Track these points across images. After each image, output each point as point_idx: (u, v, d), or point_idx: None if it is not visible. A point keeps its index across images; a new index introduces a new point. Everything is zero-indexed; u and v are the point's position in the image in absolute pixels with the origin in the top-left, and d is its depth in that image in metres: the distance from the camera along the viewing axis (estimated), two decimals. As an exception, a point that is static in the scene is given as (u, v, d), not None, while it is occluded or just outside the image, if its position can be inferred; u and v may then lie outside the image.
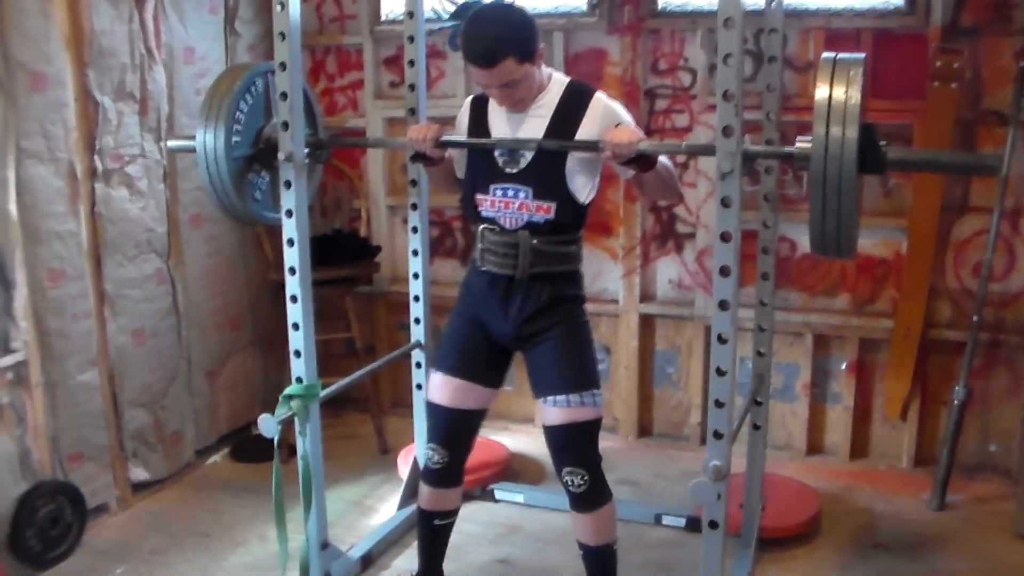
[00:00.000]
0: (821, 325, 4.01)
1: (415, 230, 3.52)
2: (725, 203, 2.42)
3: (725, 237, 2.44)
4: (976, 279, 3.72)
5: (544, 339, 2.77)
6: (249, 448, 4.19)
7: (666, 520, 3.57)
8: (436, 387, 2.93)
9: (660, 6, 4.05)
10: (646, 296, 4.26)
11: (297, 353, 2.99)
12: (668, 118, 4.09)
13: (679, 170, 4.09)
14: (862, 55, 2.36)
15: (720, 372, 2.54)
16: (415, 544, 3.21)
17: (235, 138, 2.92)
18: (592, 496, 2.77)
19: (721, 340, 2.53)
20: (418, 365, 3.64)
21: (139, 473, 3.75)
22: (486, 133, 2.79)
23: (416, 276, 3.56)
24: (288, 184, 2.87)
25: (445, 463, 2.93)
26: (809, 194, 2.37)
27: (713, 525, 2.62)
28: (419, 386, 3.65)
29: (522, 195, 2.71)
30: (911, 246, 3.81)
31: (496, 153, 2.74)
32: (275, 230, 3.01)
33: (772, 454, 3.85)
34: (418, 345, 3.62)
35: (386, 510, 3.72)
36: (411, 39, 3.41)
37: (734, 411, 2.64)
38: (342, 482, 3.92)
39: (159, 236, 3.77)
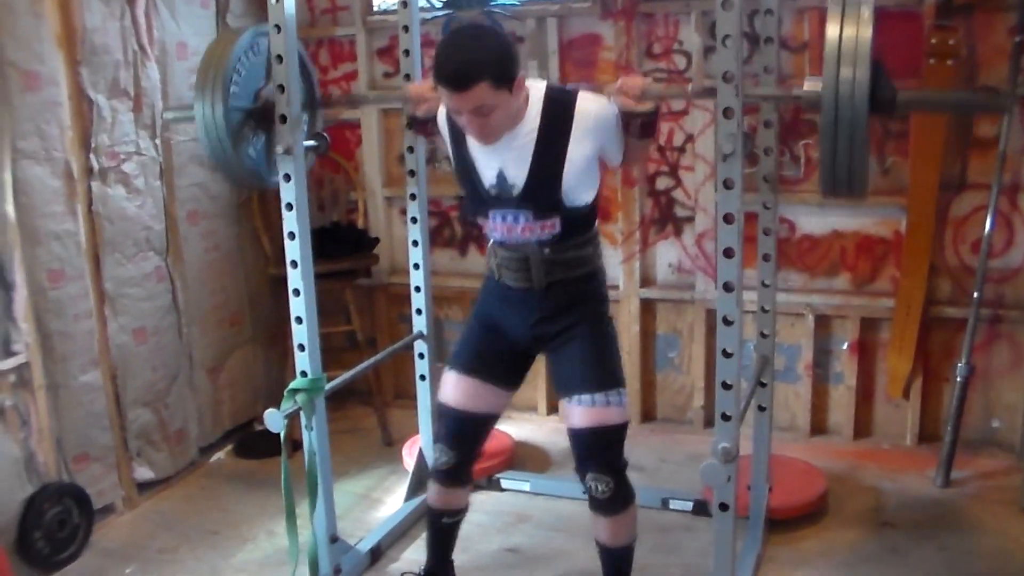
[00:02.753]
0: (822, 305, 4.01)
1: (414, 220, 3.52)
2: (727, 185, 2.42)
3: (728, 219, 2.43)
4: (976, 255, 3.72)
5: (567, 339, 2.70)
6: (253, 444, 4.19)
7: (673, 504, 3.57)
8: (449, 387, 2.85)
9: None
10: (646, 281, 4.26)
11: (301, 347, 2.98)
12: (664, 102, 4.06)
13: (676, 155, 4.09)
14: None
15: (726, 354, 2.54)
16: (424, 535, 3.19)
17: (233, 88, 2.84)
18: (615, 501, 2.68)
19: (726, 322, 2.53)
20: (420, 356, 3.64)
21: (144, 472, 3.75)
22: (467, 155, 2.63)
23: (416, 267, 3.56)
24: (288, 177, 2.84)
25: (453, 464, 2.86)
26: (819, 140, 2.37)
27: (724, 507, 2.62)
28: (423, 377, 3.65)
29: (522, 219, 2.59)
30: (910, 224, 3.80)
31: (484, 180, 2.61)
32: (273, 225, 3.00)
33: (776, 435, 3.83)
34: (420, 336, 3.62)
35: (393, 502, 3.73)
36: (405, 28, 3.39)
37: (740, 393, 2.64)
38: (348, 475, 3.92)
39: (157, 233, 3.75)
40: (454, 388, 2.83)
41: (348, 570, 3.17)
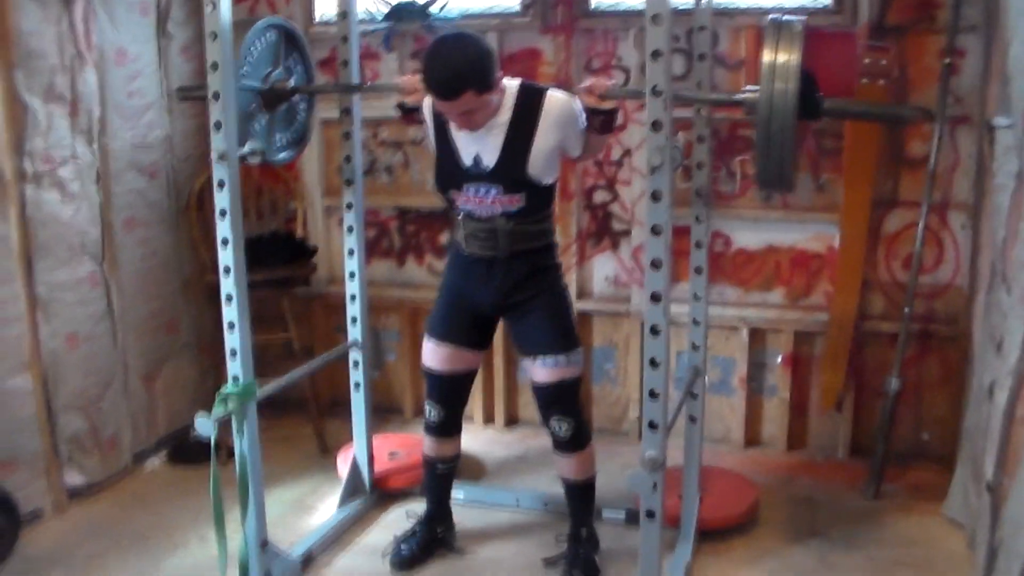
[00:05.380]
0: (756, 319, 4.06)
1: (350, 230, 3.53)
2: (655, 197, 2.50)
3: (656, 230, 2.51)
4: (907, 271, 3.79)
5: (530, 306, 3.08)
6: (187, 451, 4.14)
7: (606, 514, 3.57)
8: (428, 353, 3.25)
9: (592, 6, 4.08)
10: (583, 293, 4.29)
11: (233, 353, 2.98)
12: (623, 105, 4.11)
13: (614, 169, 4.13)
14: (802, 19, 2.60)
15: (654, 364, 2.61)
16: (356, 541, 3.48)
17: (245, 68, 3.04)
18: (577, 439, 3.15)
19: (654, 332, 2.59)
20: (355, 364, 3.65)
21: (75, 478, 3.70)
22: (449, 140, 2.99)
23: (352, 275, 3.58)
24: (221, 184, 2.85)
25: (443, 418, 3.29)
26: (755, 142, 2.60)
27: (650, 515, 2.66)
28: (357, 385, 3.66)
29: (493, 192, 2.96)
30: (844, 240, 3.87)
31: (463, 161, 2.97)
32: (211, 233, 3.01)
33: (711, 447, 3.90)
34: (355, 344, 3.62)
35: (326, 509, 3.71)
36: (344, 39, 3.41)
37: (669, 403, 2.69)
38: (282, 483, 3.90)
39: (93, 239, 3.72)
40: (433, 354, 3.24)
41: (280, 576, 3.16)
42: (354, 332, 3.61)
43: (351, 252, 3.55)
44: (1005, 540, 2.74)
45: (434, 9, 4.06)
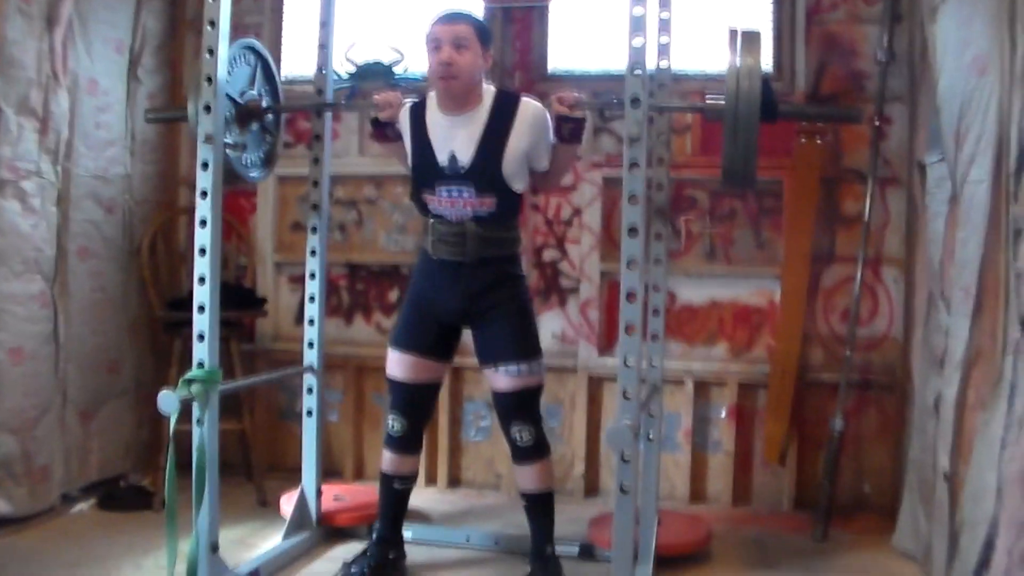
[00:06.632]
0: (702, 371, 4.16)
1: (313, 252, 3.60)
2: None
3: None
4: (844, 324, 3.97)
5: (494, 315, 3.13)
6: (120, 497, 3.97)
7: (560, 549, 3.51)
8: (393, 363, 3.25)
9: (549, 70, 4.35)
10: (530, 351, 4.33)
11: (200, 336, 2.95)
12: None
13: (563, 228, 4.29)
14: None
15: (629, 300, 2.64)
16: (305, 569, 3.40)
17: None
18: (537, 448, 3.18)
19: (630, 297, 2.65)
20: (309, 390, 3.62)
21: (1, 506, 3.49)
22: (427, 139, 3.10)
23: (312, 299, 3.60)
24: (206, 165, 2.93)
25: (405, 430, 3.24)
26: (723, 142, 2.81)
27: (624, 490, 2.66)
28: (309, 412, 3.62)
29: (466, 194, 3.05)
30: (784, 293, 4.05)
31: (439, 158, 3.07)
32: (161, 279, 3.12)
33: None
34: (310, 369, 3.60)
35: (269, 546, 3.54)
36: (319, 91, 3.64)
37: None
38: (222, 525, 3.69)
39: (47, 258, 3.68)
40: (397, 364, 3.24)
41: (227, 589, 3.01)
42: (310, 356, 3.60)
43: (312, 275, 3.59)
44: (966, 518, 2.81)
45: (398, 70, 4.27)
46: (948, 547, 2.95)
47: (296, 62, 4.57)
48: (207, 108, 2.91)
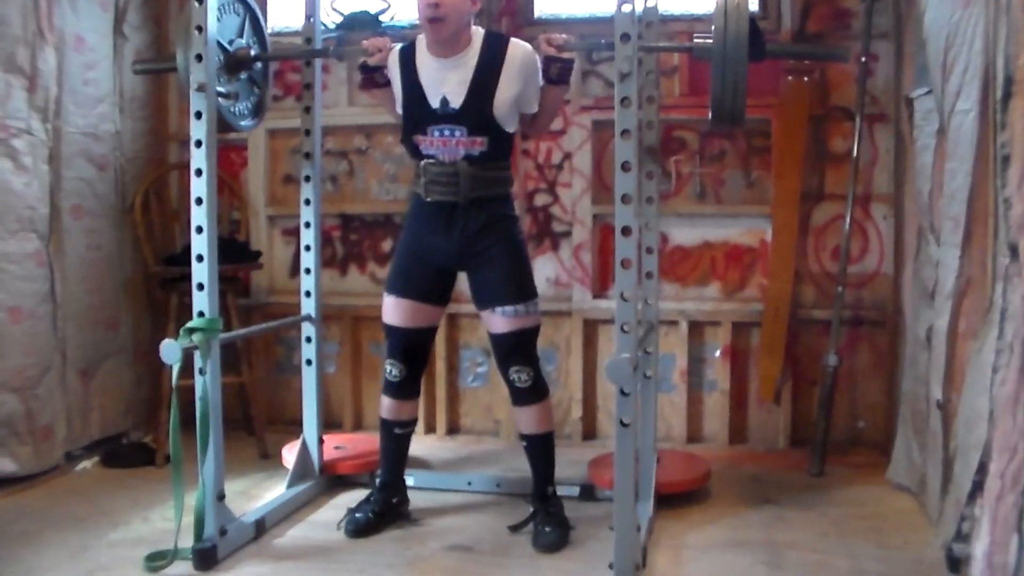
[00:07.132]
0: (695, 312, 4.19)
1: (308, 202, 3.60)
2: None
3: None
4: (835, 262, 4.01)
5: (488, 257, 3.15)
6: (123, 454, 4.02)
7: (561, 490, 3.56)
8: (389, 309, 3.26)
9: (536, 15, 4.34)
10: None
11: (200, 286, 2.97)
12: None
13: (554, 172, 4.31)
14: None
15: (624, 266, 2.67)
16: (307, 519, 3.41)
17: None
18: (535, 390, 3.20)
19: (624, 233, 2.67)
20: (308, 340, 3.65)
21: (6, 464, 3.54)
22: (417, 82, 3.09)
23: (308, 248, 3.62)
24: (199, 115, 2.94)
25: (403, 376, 3.28)
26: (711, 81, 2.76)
27: (624, 423, 2.70)
28: (308, 361, 3.65)
29: (458, 134, 3.06)
30: (775, 233, 4.08)
31: (430, 101, 3.07)
32: (155, 236, 3.15)
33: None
34: (308, 318, 3.62)
35: (273, 496, 3.58)
36: (308, 40, 3.63)
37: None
38: (227, 479, 3.73)
39: (41, 217, 3.69)
40: (393, 310, 3.25)
41: (233, 536, 3.04)
42: (308, 305, 3.62)
43: (307, 224, 3.60)
44: (959, 445, 2.85)
45: (385, 19, 4.25)
46: (942, 476, 3.00)
47: (282, 15, 4.54)
48: (198, 57, 2.91)
